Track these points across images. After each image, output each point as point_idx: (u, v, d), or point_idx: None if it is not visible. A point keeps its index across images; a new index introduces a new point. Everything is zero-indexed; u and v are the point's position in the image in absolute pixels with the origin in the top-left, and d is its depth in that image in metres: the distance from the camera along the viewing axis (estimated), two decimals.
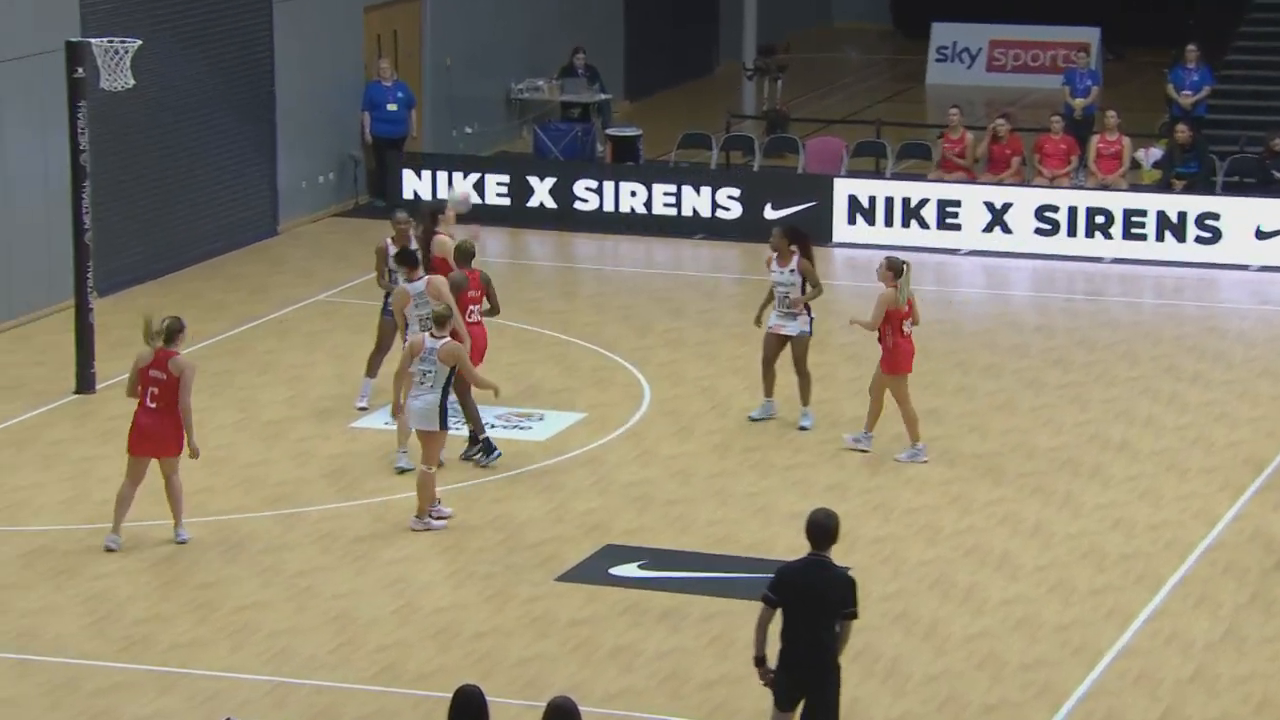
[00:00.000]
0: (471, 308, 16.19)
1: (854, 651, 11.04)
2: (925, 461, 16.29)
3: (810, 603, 10.48)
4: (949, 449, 16.73)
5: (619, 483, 15.88)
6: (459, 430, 15.85)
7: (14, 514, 15.08)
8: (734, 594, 13.78)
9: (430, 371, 14.60)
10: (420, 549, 14.53)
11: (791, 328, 16.96)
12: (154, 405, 14.06)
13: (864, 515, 15.26)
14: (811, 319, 17.00)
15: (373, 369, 17.14)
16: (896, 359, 16.28)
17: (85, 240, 17.56)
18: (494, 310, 16.61)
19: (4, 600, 13.53)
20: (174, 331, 14.14)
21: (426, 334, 14.70)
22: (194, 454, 14.19)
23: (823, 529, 10.56)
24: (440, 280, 15.79)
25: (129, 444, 14.24)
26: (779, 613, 10.58)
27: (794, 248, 16.91)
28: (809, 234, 17.43)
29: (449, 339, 14.72)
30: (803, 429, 16.92)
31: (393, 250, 16.68)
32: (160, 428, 14.08)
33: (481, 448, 15.98)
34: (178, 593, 13.72)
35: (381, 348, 17.08)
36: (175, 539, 14.49)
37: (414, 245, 16.60)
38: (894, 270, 16.31)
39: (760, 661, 10.69)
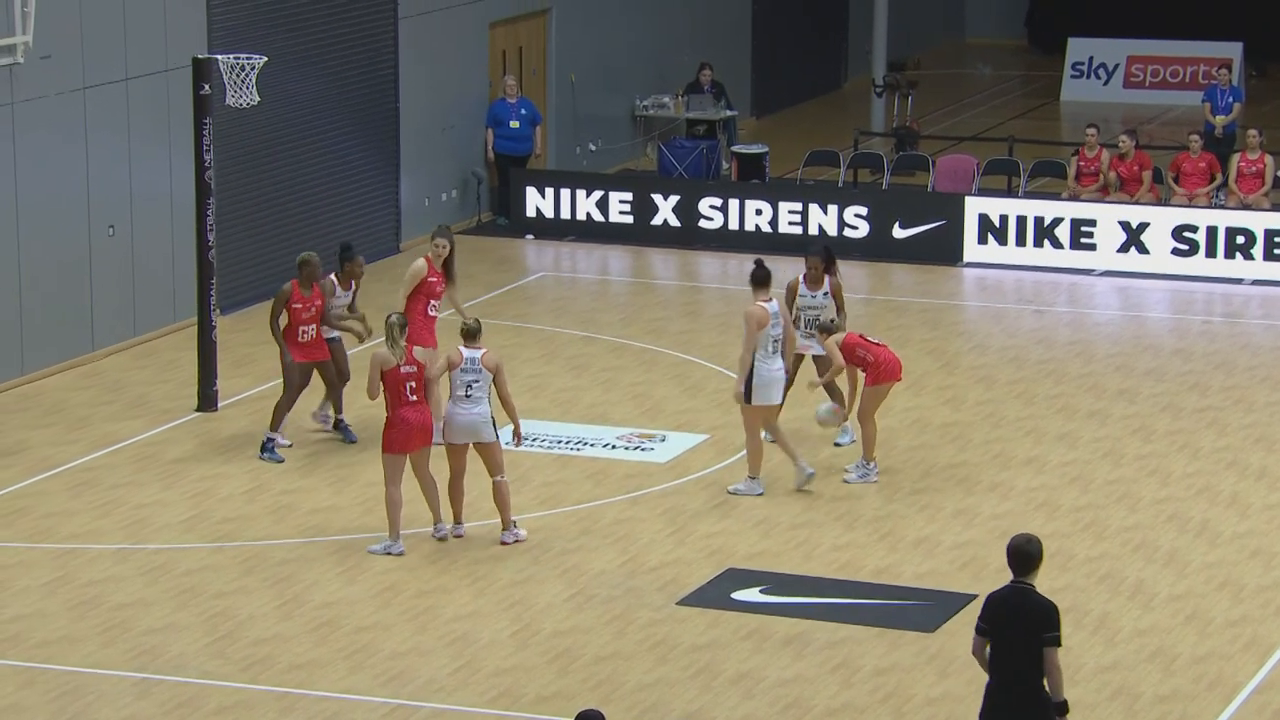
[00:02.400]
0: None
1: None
2: (875, 481, 15.93)
3: (1013, 631, 10.23)
4: (1082, 474, 16.38)
5: (741, 506, 15.66)
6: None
7: (136, 531, 15.12)
8: (858, 620, 13.53)
9: (477, 381, 14.58)
10: (540, 571, 14.39)
11: (817, 347, 16.48)
12: (415, 399, 14.51)
13: (990, 542, 14.94)
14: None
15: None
16: (881, 371, 15.88)
17: (209, 257, 17.61)
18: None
19: (126, 618, 13.56)
20: (404, 326, 14.65)
21: (460, 346, 14.68)
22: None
23: (1025, 555, 10.32)
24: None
25: (392, 444, 14.45)
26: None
27: (827, 271, 16.60)
28: (836, 255, 17.05)
29: (485, 349, 14.72)
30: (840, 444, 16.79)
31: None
32: (425, 417, 14.53)
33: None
34: (298, 612, 13.67)
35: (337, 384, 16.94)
36: (437, 533, 14.79)
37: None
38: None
39: None
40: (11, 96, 18.20)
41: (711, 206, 23.68)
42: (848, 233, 23.26)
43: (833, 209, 23.29)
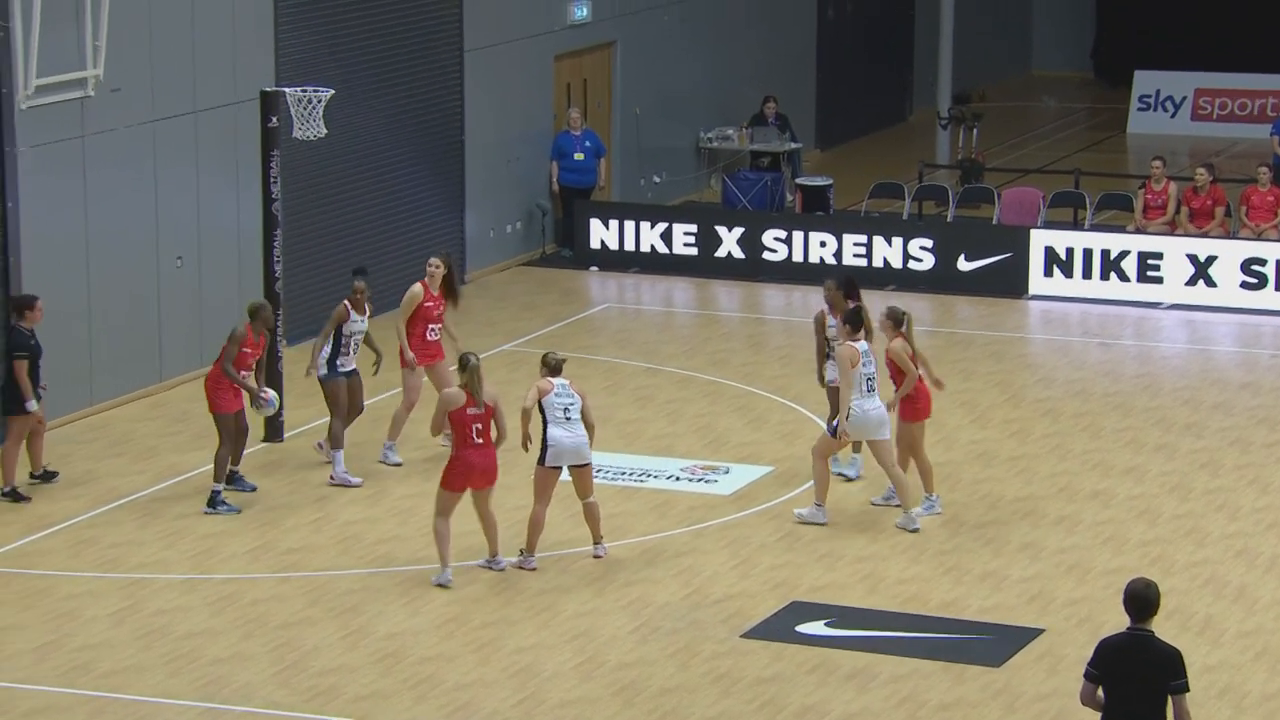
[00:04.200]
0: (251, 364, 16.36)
1: None
2: (939, 513, 15.85)
3: (1133, 680, 9.98)
4: (1149, 508, 16.26)
5: (806, 538, 15.62)
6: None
7: (202, 561, 15.20)
8: (924, 654, 13.45)
9: (574, 403, 14.77)
10: (604, 603, 14.38)
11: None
12: (480, 441, 14.49)
13: (1057, 575, 14.85)
14: None
15: (339, 439, 16.86)
16: (918, 406, 15.85)
17: (276, 289, 17.71)
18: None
19: (193, 648, 13.61)
20: (475, 368, 14.66)
21: (549, 376, 14.85)
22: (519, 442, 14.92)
23: (1143, 600, 10.03)
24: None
25: (451, 482, 14.51)
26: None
27: (848, 298, 16.51)
28: (858, 283, 16.99)
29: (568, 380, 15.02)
30: (850, 478, 16.70)
31: (354, 315, 16.86)
32: (489, 459, 14.52)
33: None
34: (363, 643, 13.69)
35: (339, 415, 16.82)
36: (493, 565, 14.80)
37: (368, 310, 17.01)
38: (894, 320, 15.82)
39: None
40: (82, 129, 18.38)
41: (776, 239, 23.67)
42: (912, 265, 23.20)
43: (898, 241, 23.24)
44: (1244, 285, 22.28)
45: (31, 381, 16.26)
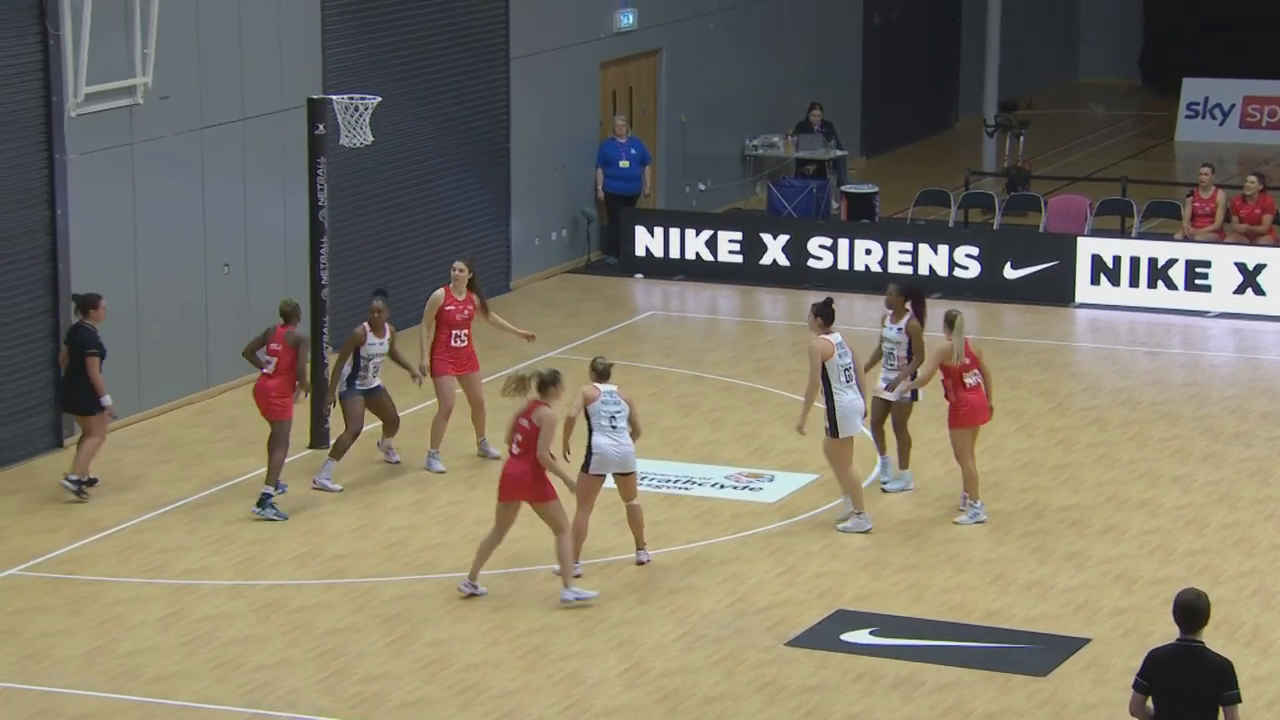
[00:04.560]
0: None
1: None
2: (984, 521, 15.76)
3: (1183, 691, 9.92)
4: (1196, 518, 16.18)
5: (851, 546, 15.59)
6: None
7: (248, 568, 15.26)
8: (969, 664, 13.42)
9: (620, 412, 14.75)
10: (649, 610, 14.38)
11: (891, 394, 16.42)
12: (518, 451, 14.42)
13: (1105, 585, 14.79)
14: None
15: (341, 451, 16.84)
16: (961, 413, 15.79)
17: (322, 296, 17.79)
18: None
19: (238, 654, 13.67)
20: (545, 383, 14.47)
21: (595, 383, 14.81)
22: (571, 488, 14.64)
23: (1193, 611, 9.97)
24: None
25: (498, 489, 14.50)
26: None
27: (908, 305, 16.43)
28: (925, 294, 16.84)
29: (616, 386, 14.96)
30: (888, 489, 16.58)
31: (372, 337, 16.66)
32: (522, 473, 14.36)
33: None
34: (408, 650, 13.73)
35: (350, 430, 16.79)
36: (562, 601, 14.55)
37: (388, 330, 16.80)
38: (947, 321, 15.78)
39: None
40: (131, 137, 18.49)
41: (821, 246, 23.65)
42: (959, 273, 23.14)
43: (944, 249, 23.19)
44: None
45: None
